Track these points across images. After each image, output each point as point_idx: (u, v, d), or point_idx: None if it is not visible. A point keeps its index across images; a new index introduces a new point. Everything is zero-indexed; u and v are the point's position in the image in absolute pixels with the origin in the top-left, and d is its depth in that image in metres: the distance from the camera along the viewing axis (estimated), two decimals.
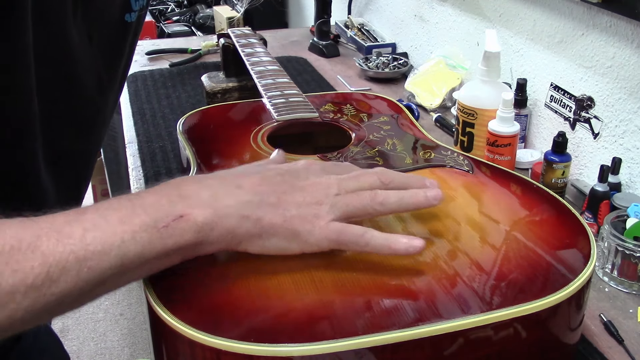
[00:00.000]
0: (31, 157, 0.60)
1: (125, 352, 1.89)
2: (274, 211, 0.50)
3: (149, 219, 0.45)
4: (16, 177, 0.61)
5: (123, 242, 0.43)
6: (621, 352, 0.63)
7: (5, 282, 0.39)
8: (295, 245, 0.51)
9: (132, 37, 0.72)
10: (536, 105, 1.03)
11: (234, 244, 0.49)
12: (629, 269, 0.71)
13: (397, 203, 0.54)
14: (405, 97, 1.25)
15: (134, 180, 0.95)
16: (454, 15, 1.28)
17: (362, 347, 0.45)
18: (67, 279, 0.41)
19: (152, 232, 0.45)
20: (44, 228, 0.42)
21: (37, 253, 0.40)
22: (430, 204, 0.55)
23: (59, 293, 0.41)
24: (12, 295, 0.39)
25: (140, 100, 1.24)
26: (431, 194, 0.55)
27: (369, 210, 0.53)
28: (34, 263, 0.40)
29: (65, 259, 0.41)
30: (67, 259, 0.41)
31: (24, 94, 0.56)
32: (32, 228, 0.42)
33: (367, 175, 0.56)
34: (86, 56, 0.62)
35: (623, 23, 0.83)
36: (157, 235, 0.45)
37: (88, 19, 0.61)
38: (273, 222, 0.50)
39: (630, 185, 0.85)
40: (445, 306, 0.48)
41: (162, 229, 0.45)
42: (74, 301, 0.43)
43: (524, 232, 0.59)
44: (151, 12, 2.39)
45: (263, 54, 1.05)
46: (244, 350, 0.44)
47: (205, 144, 0.80)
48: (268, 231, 0.50)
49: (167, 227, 0.45)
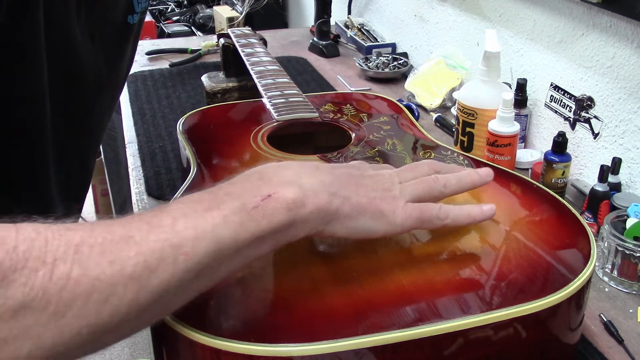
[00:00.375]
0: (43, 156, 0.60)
1: (125, 352, 1.89)
2: (357, 191, 0.50)
3: (236, 203, 0.44)
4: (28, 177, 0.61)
5: (215, 226, 0.42)
6: (621, 352, 0.63)
7: (103, 274, 0.37)
8: (381, 226, 0.51)
9: (134, 38, 0.72)
10: (536, 105, 1.03)
11: (323, 224, 0.48)
12: (629, 269, 0.71)
13: (457, 184, 0.57)
14: (405, 97, 1.25)
15: (134, 180, 0.95)
16: (454, 15, 1.28)
17: (362, 347, 0.45)
18: (165, 267, 0.39)
19: (242, 214, 0.43)
20: (132, 222, 0.41)
21: (130, 243, 0.39)
22: (484, 181, 0.59)
23: (159, 285, 0.39)
24: (113, 288, 0.37)
25: (140, 100, 1.24)
26: (483, 172, 0.59)
27: (435, 193, 0.55)
28: (129, 253, 0.38)
29: (160, 247, 0.39)
30: (162, 247, 0.39)
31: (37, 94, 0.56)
32: (118, 223, 0.40)
33: (420, 165, 0.58)
34: (88, 55, 0.62)
35: (623, 23, 0.83)
36: (248, 218, 0.43)
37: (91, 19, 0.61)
38: (360, 201, 0.50)
39: (630, 185, 0.85)
40: (445, 306, 0.48)
41: (253, 210, 0.44)
42: (174, 296, 0.41)
43: (524, 232, 0.59)
44: (151, 12, 2.39)
45: (263, 54, 1.05)
46: (244, 350, 0.44)
47: (205, 144, 0.80)
48: (357, 210, 0.49)
49: (258, 208, 0.44)
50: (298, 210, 0.46)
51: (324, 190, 0.48)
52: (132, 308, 0.38)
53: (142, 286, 0.38)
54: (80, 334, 0.36)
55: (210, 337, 0.44)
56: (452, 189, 0.56)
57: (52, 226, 0.37)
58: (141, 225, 0.40)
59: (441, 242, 0.57)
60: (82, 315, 0.36)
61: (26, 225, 0.37)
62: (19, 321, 0.34)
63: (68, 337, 0.36)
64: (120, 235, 0.39)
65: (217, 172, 0.73)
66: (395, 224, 0.51)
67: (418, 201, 0.54)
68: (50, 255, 0.36)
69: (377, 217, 0.50)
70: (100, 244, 0.38)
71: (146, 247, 0.39)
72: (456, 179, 0.57)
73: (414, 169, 0.57)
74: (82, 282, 0.36)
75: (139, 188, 0.92)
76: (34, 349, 0.35)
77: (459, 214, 0.54)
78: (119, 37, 0.68)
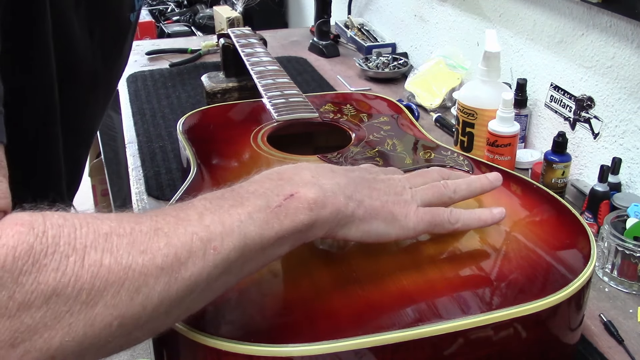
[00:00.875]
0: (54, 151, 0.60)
1: (126, 352, 1.89)
2: (371, 194, 0.51)
3: (260, 201, 0.44)
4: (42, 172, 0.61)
5: (242, 222, 0.42)
6: (621, 352, 0.63)
7: (135, 263, 0.36)
8: (393, 229, 0.51)
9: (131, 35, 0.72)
10: (536, 105, 1.03)
11: (338, 227, 0.48)
12: (629, 269, 0.71)
13: (467, 189, 0.57)
14: (405, 97, 1.25)
15: (134, 180, 0.95)
16: (454, 15, 1.28)
17: (362, 347, 0.45)
18: (195, 261, 0.39)
19: (267, 212, 0.43)
20: (159, 215, 0.40)
21: (160, 235, 0.38)
22: (494, 186, 0.59)
23: (189, 278, 0.39)
24: (145, 277, 0.37)
25: (140, 100, 1.24)
26: (493, 176, 0.59)
27: (444, 198, 0.56)
28: (159, 244, 0.38)
29: (190, 240, 0.39)
30: (192, 240, 0.39)
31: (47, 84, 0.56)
32: (145, 216, 0.40)
33: (430, 172, 0.59)
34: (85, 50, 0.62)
35: (623, 23, 0.83)
36: (272, 216, 0.43)
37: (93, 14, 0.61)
38: (373, 205, 0.50)
39: (630, 185, 0.85)
40: (446, 306, 0.48)
41: (277, 209, 0.44)
42: (204, 291, 0.41)
43: (524, 232, 0.59)
44: (151, 12, 2.39)
45: (263, 54, 1.05)
46: (244, 350, 0.44)
47: (205, 144, 0.80)
48: (371, 214, 0.50)
49: (281, 207, 0.44)
50: (319, 210, 0.46)
51: (341, 192, 0.48)
52: (163, 300, 0.38)
53: (173, 278, 0.38)
54: (111, 326, 0.36)
55: (211, 337, 0.44)
56: (462, 195, 0.57)
57: (78, 215, 0.37)
58: (168, 219, 0.40)
59: (441, 242, 0.57)
60: (114, 304, 0.36)
61: (52, 213, 0.36)
62: (51, 308, 0.34)
63: (99, 328, 0.35)
64: (149, 227, 0.39)
65: (217, 172, 0.73)
66: (408, 228, 0.52)
67: (428, 206, 0.54)
68: (80, 242, 0.35)
69: (389, 221, 0.51)
70: (129, 233, 0.37)
71: (176, 239, 0.39)
72: (466, 184, 0.57)
73: (424, 175, 0.58)
74: (114, 270, 0.36)
75: (139, 188, 0.92)
76: (66, 340, 0.34)
77: (470, 218, 0.55)
78: (119, 34, 0.68)
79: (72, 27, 0.59)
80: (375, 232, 0.50)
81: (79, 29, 0.60)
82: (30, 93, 0.56)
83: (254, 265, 0.44)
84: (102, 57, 0.65)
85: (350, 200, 0.49)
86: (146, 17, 2.22)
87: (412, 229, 0.52)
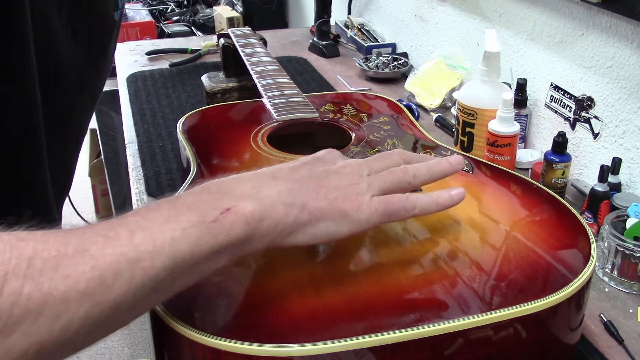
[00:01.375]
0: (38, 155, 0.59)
1: (125, 352, 1.89)
2: (316, 196, 0.49)
3: (195, 216, 0.43)
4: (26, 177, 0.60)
5: (173, 239, 0.41)
6: (621, 352, 0.63)
7: (56, 289, 0.35)
8: (345, 226, 0.50)
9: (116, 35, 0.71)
10: (536, 105, 1.03)
11: (282, 237, 0.47)
12: (629, 269, 0.71)
13: (427, 173, 0.55)
14: (405, 97, 1.25)
15: (134, 180, 0.95)
16: (454, 15, 1.28)
17: (362, 347, 0.45)
18: (121, 283, 0.38)
19: (201, 227, 0.42)
20: (86, 233, 0.39)
21: (86, 257, 0.37)
22: (455, 169, 0.57)
23: (114, 300, 0.38)
24: (66, 304, 0.36)
25: (140, 100, 1.24)
26: (454, 159, 0.57)
27: (404, 184, 0.54)
28: (85, 267, 0.37)
29: (117, 261, 0.38)
30: (119, 261, 0.38)
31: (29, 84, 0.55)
32: (74, 235, 0.39)
33: (390, 155, 0.57)
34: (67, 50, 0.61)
35: (623, 23, 0.83)
36: (207, 231, 0.42)
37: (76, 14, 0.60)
38: (319, 206, 0.49)
39: (630, 185, 0.85)
40: (445, 306, 0.48)
41: (212, 224, 0.43)
42: (129, 311, 0.40)
43: (524, 232, 0.59)
44: (151, 12, 2.39)
45: (263, 54, 1.05)
46: (244, 350, 0.44)
47: (205, 144, 0.80)
48: (316, 215, 0.48)
49: (216, 222, 0.43)
50: (256, 224, 0.45)
51: (281, 201, 0.47)
52: (85, 324, 0.37)
53: (96, 302, 0.37)
54: (27, 353, 0.35)
55: (211, 337, 0.44)
56: (422, 179, 0.55)
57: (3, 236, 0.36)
58: (96, 238, 0.39)
59: (441, 242, 0.57)
60: (32, 332, 0.34)
61: None
62: None
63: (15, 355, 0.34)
64: (75, 248, 0.37)
65: (217, 172, 0.73)
66: (361, 222, 0.50)
67: (386, 193, 0.52)
68: (2, 268, 0.34)
69: (339, 219, 0.49)
70: (54, 257, 0.36)
71: (102, 261, 0.38)
72: (426, 169, 0.55)
73: (385, 159, 0.56)
74: (34, 297, 0.34)
75: (139, 188, 0.92)
76: None
77: (426, 202, 0.53)
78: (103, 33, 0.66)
79: (54, 31, 0.57)
80: (324, 233, 0.49)
81: (63, 31, 0.58)
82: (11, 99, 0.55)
83: (185, 280, 0.43)
84: (87, 58, 0.63)
85: (291, 207, 0.47)
86: (146, 17, 2.22)
87: (365, 222, 0.50)
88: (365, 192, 0.51)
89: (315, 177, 0.51)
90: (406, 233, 0.58)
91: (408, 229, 0.59)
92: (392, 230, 0.58)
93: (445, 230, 0.59)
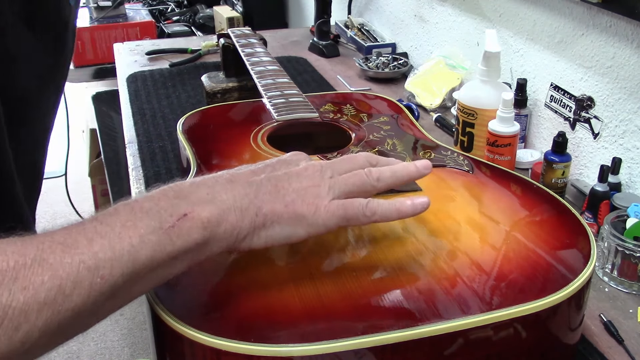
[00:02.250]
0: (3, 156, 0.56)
1: (125, 352, 1.89)
2: (273, 199, 0.49)
3: (153, 222, 0.43)
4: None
5: (132, 246, 0.41)
6: (621, 352, 0.63)
7: (16, 301, 0.36)
8: (301, 229, 0.49)
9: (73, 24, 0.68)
10: (536, 105, 1.03)
11: (238, 240, 0.48)
12: (629, 269, 0.71)
13: (392, 177, 0.54)
14: (405, 97, 1.25)
15: (134, 180, 0.95)
16: (454, 15, 1.28)
17: (362, 347, 0.45)
18: (81, 291, 0.38)
19: (159, 234, 0.43)
20: (45, 242, 0.39)
21: (45, 266, 0.37)
22: (421, 173, 0.56)
23: (74, 308, 0.38)
24: (25, 315, 0.36)
25: (140, 100, 1.24)
26: (421, 164, 0.56)
27: (367, 187, 0.53)
28: (43, 277, 0.37)
29: (76, 270, 0.38)
30: (78, 270, 0.38)
31: None
32: (32, 243, 0.39)
33: (356, 157, 0.56)
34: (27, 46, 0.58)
35: (623, 23, 0.83)
36: (165, 237, 0.43)
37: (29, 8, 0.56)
38: (274, 209, 0.49)
39: (630, 185, 0.85)
40: (445, 306, 0.48)
41: (169, 230, 0.43)
42: (89, 317, 0.40)
43: (524, 232, 0.59)
44: (151, 12, 2.39)
45: (263, 54, 1.05)
46: (244, 350, 0.44)
47: (205, 144, 0.80)
48: (271, 219, 0.48)
49: (174, 228, 0.44)
50: (213, 229, 0.45)
51: (237, 206, 0.47)
52: (45, 333, 0.37)
53: (56, 311, 0.37)
54: None
55: (211, 337, 0.44)
56: (387, 183, 0.54)
57: None
58: (55, 247, 0.39)
59: (441, 242, 0.57)
60: None
61: None
62: None
63: None
64: (33, 258, 0.37)
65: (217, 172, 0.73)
66: (317, 225, 0.50)
67: (348, 196, 0.52)
68: None
69: (295, 222, 0.49)
70: (12, 268, 0.36)
71: (61, 270, 0.38)
72: (390, 172, 0.54)
73: (350, 161, 0.55)
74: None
75: (139, 188, 0.92)
76: None
77: (387, 209, 0.52)
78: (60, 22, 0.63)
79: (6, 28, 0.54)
80: (281, 236, 0.49)
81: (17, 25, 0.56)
82: None
83: (145, 285, 0.44)
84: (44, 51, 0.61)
85: (246, 212, 0.48)
86: (146, 17, 2.22)
87: (322, 225, 0.50)
88: (324, 195, 0.51)
89: (275, 179, 0.51)
90: (407, 235, 0.58)
91: (409, 230, 0.59)
92: (392, 230, 0.58)
93: (446, 230, 0.59)
